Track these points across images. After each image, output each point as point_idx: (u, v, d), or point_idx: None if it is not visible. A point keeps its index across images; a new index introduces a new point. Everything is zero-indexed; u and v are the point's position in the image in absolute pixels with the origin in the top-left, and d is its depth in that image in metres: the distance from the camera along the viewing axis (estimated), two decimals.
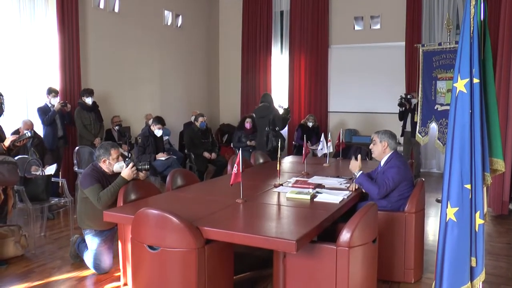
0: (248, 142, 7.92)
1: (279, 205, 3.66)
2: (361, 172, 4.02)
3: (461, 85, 2.67)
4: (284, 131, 9.21)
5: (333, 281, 2.95)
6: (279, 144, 5.03)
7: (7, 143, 4.09)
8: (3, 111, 4.16)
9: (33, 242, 4.72)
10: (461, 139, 2.68)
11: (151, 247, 2.94)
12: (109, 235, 4.06)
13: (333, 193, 3.93)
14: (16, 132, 5.74)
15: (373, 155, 4.23)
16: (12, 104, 6.23)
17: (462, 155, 2.68)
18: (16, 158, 4.68)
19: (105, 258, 3.98)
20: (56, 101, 6.53)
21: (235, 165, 3.49)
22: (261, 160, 6.01)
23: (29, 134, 4.37)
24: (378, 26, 9.69)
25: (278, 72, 10.53)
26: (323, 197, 3.78)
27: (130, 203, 3.66)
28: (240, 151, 3.65)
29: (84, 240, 4.14)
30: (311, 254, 3.02)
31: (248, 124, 8.07)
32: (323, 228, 3.16)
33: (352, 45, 9.92)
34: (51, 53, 6.95)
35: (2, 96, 4.16)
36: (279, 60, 10.51)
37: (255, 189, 4.11)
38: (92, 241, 3.99)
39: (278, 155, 4.35)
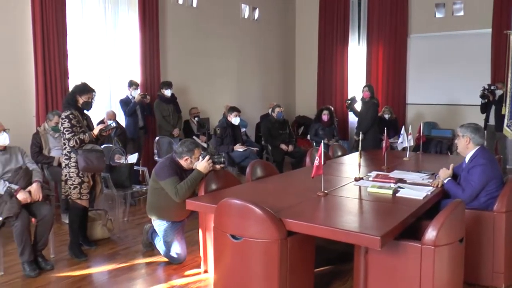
0: (325, 141, 7.81)
1: (360, 199, 3.60)
2: (449, 178, 3.84)
3: None
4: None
5: (417, 281, 2.85)
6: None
7: (96, 132, 4.29)
8: (92, 105, 4.38)
9: (117, 226, 4.99)
10: None
11: (233, 237, 2.99)
12: (180, 226, 4.11)
13: (416, 188, 3.80)
14: (101, 122, 6.06)
15: (457, 150, 4.02)
16: (97, 96, 6.55)
17: None
18: (102, 146, 4.93)
19: (178, 248, 4.03)
20: (136, 93, 6.79)
21: (317, 157, 3.48)
22: (339, 153, 5.93)
23: (114, 124, 4.57)
24: (461, 13, 9.15)
25: (355, 63, 10.29)
26: (406, 192, 3.67)
27: (211, 192, 3.74)
28: (322, 143, 3.61)
29: None
30: (395, 252, 2.93)
31: (325, 116, 7.98)
32: (407, 224, 3.05)
33: (433, 34, 9.46)
34: (133, 48, 7.25)
35: (95, 92, 4.38)
36: (356, 51, 10.25)
37: (335, 182, 4.07)
38: (164, 232, 4.03)
39: (359, 148, 4.26)
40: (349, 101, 7.87)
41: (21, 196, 3.89)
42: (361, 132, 5.67)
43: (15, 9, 5.82)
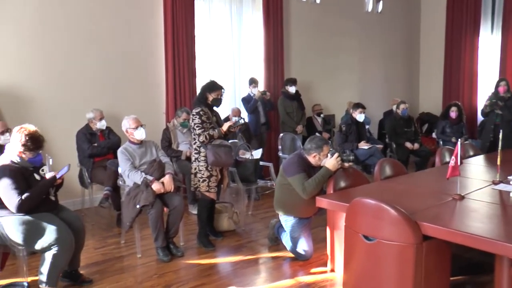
0: (453, 140, 7.30)
1: (503, 205, 3.30)
2: None
3: None
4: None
5: None
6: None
7: (224, 128, 4.43)
8: (221, 102, 4.54)
9: (242, 219, 5.13)
10: None
11: (366, 237, 2.91)
12: (307, 222, 4.09)
13: None
14: (226, 119, 6.28)
15: None
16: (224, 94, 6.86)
17: None
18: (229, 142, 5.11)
19: (305, 245, 4.02)
20: (256, 91, 6.94)
21: (453, 157, 3.28)
22: (471, 153, 5.52)
23: (242, 121, 4.68)
24: None
25: (486, 55, 9.44)
26: None
27: (340, 190, 3.69)
28: (458, 142, 3.39)
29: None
30: None
31: (453, 113, 7.50)
32: None
33: None
34: (257, 47, 7.44)
35: (223, 89, 4.54)
36: (489, 41, 9.38)
37: (470, 185, 3.81)
38: (291, 228, 4.04)
39: (499, 148, 3.92)
40: (494, 101, 7.07)
41: (156, 186, 4.16)
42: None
43: (148, 16, 6.28)
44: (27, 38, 5.39)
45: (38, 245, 3.23)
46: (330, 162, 3.83)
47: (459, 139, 3.51)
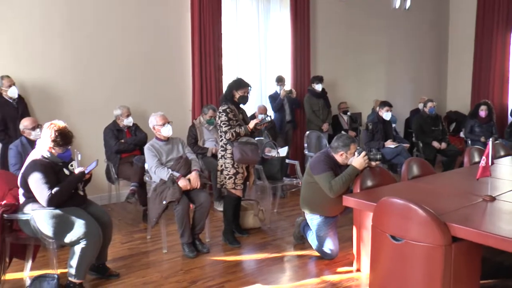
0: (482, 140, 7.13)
1: None
2: None
3: None
4: None
5: None
6: None
7: (251, 125, 4.43)
8: (248, 99, 4.54)
9: (268, 217, 5.13)
10: None
11: (393, 238, 2.88)
12: (334, 221, 4.05)
13: None
14: (252, 116, 6.28)
15: None
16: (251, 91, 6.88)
17: None
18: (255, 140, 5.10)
19: (331, 244, 3.99)
20: (281, 89, 6.92)
21: (483, 157, 3.21)
22: (501, 153, 5.39)
23: (269, 119, 4.68)
24: None
25: None
26: None
27: (367, 190, 3.65)
28: (490, 141, 3.31)
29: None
30: None
31: (483, 112, 7.34)
32: None
33: None
34: (284, 44, 7.42)
35: (250, 87, 4.53)
36: None
37: (501, 186, 3.70)
38: (317, 227, 4.01)
39: None
40: None
41: (182, 183, 4.20)
42: None
43: (176, 14, 6.33)
44: (56, 36, 5.49)
45: (67, 239, 3.29)
46: (357, 160, 3.80)
47: (489, 139, 3.40)
